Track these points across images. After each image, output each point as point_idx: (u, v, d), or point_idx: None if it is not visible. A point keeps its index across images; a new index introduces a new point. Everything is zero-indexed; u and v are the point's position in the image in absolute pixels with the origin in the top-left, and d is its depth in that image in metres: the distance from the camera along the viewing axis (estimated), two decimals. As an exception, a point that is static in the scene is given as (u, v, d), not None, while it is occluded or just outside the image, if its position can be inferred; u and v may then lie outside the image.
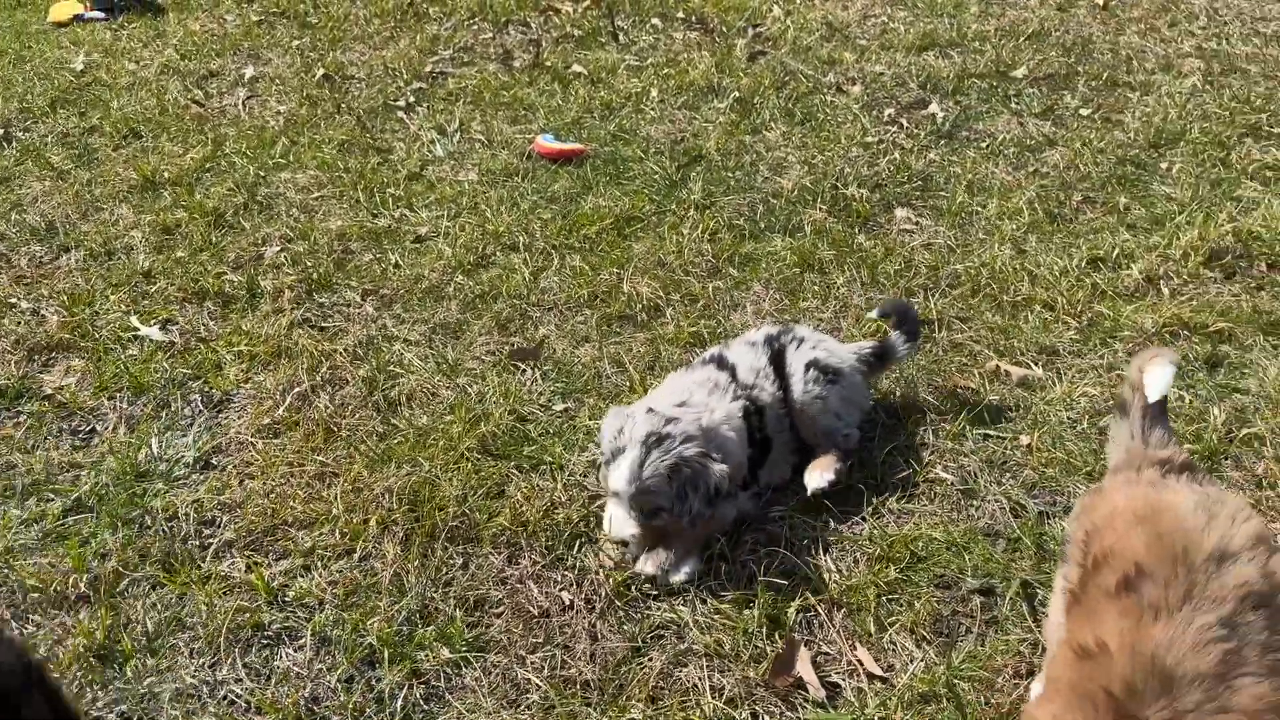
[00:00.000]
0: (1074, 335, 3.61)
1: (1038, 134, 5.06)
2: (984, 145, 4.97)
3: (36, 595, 2.71)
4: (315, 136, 5.31)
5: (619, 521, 2.79)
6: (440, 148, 5.17)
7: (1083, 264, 3.98)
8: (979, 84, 5.60)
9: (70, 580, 2.74)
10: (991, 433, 3.19)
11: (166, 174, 4.96)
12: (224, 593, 2.71)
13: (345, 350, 3.68)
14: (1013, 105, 5.37)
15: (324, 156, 5.08)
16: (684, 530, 2.77)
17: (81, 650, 2.53)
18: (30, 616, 2.67)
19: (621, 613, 2.67)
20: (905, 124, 5.20)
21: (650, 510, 2.71)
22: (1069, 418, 3.23)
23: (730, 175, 4.75)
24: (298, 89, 5.89)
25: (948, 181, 4.64)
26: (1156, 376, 2.17)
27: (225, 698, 2.45)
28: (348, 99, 5.76)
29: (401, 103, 5.68)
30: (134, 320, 3.86)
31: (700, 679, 2.47)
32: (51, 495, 3.06)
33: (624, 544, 2.82)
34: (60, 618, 2.66)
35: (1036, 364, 3.47)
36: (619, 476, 2.69)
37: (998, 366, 3.45)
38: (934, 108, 5.32)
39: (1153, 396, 2.15)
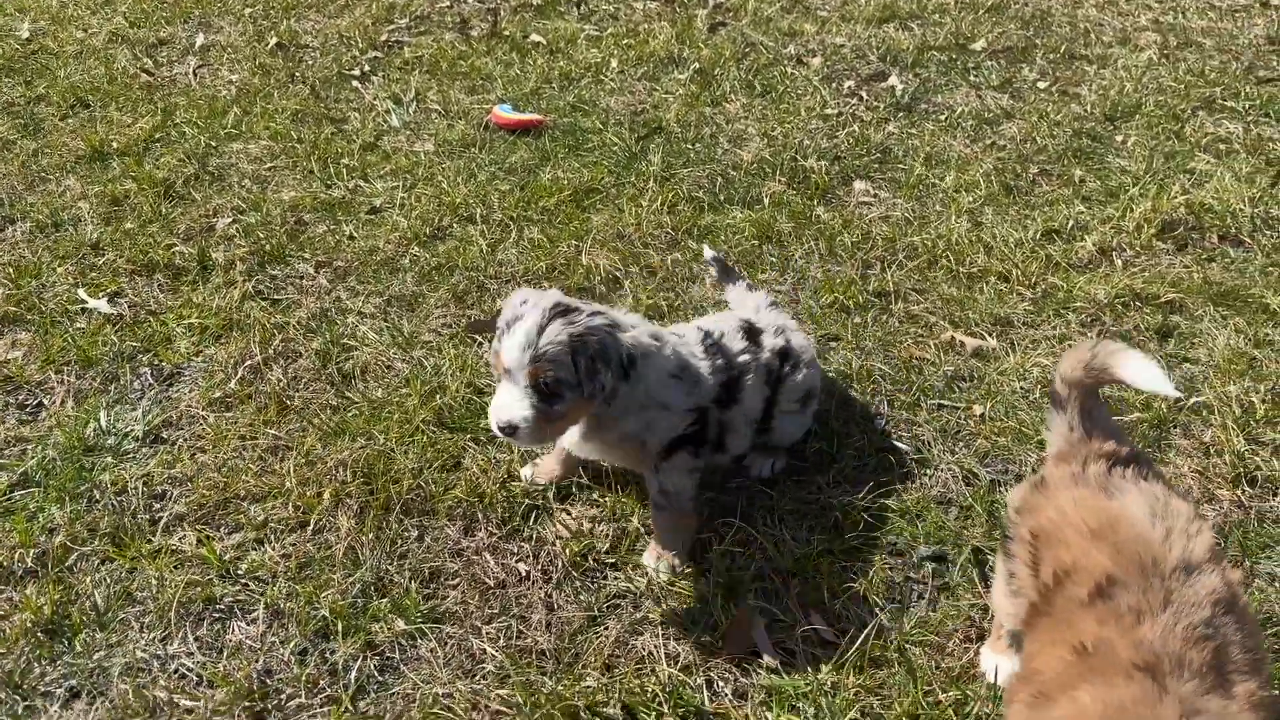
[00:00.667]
0: (1028, 306, 3.65)
1: (995, 107, 5.09)
2: (942, 118, 4.98)
3: (-19, 571, 2.66)
4: (268, 106, 5.22)
5: (509, 402, 2.32)
6: (396, 118, 5.10)
7: (1038, 236, 4.01)
8: (938, 56, 5.61)
9: (17, 555, 2.69)
10: (945, 403, 3.22)
11: (115, 144, 4.85)
12: (175, 566, 2.67)
13: (298, 323, 3.63)
14: (971, 78, 5.38)
15: (277, 126, 4.99)
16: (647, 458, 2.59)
17: (29, 625, 2.50)
18: (-25, 593, 2.62)
19: (578, 583, 2.67)
20: (865, 96, 5.20)
21: (551, 388, 2.30)
22: (1022, 388, 3.26)
23: (690, 147, 4.72)
24: (250, 58, 5.77)
25: (906, 154, 4.65)
26: (1143, 372, 2.07)
27: (177, 671, 2.43)
28: (301, 68, 5.65)
29: (356, 72, 5.58)
30: (82, 293, 3.78)
31: (656, 647, 2.48)
32: (-4, 470, 3.01)
33: (511, 431, 2.34)
34: (7, 593, 2.62)
35: (991, 335, 3.50)
36: (512, 344, 2.30)
37: (953, 337, 3.48)
38: (894, 80, 5.33)
39: (1169, 391, 2.06)
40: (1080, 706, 1.67)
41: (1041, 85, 5.28)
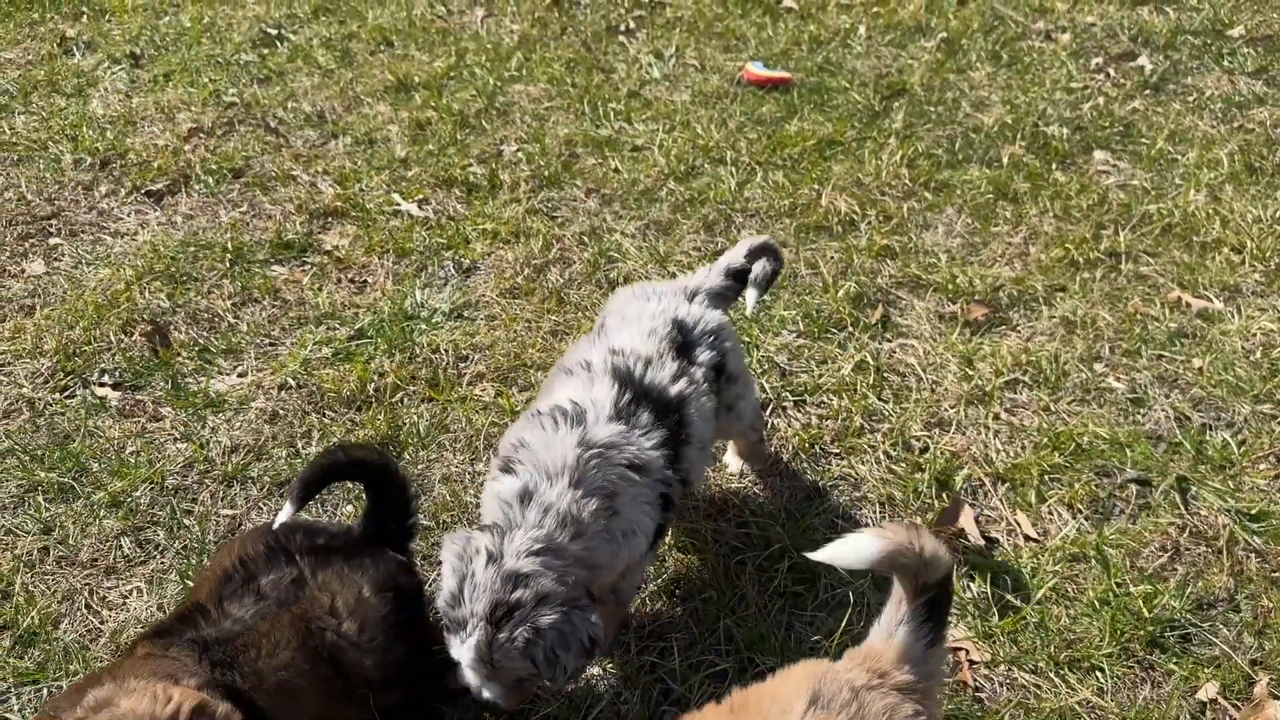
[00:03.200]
0: (1259, 278, 3.76)
1: (1248, 92, 5.08)
2: (1190, 99, 5.03)
3: (331, 396, 3.35)
4: (545, 54, 5.84)
5: (480, 685, 2.24)
6: (657, 70, 5.60)
7: (1278, 215, 4.07)
8: (1192, 40, 5.60)
9: (357, 387, 3.36)
10: (1165, 353, 3.41)
11: (417, 78, 5.59)
12: (478, 410, 3.27)
13: (572, 236, 4.19)
14: (1225, 63, 5.37)
15: (553, 72, 5.60)
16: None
17: (369, 438, 3.15)
18: (326, 411, 3.31)
19: (805, 464, 3.09)
20: (1112, 74, 5.30)
21: (514, 682, 2.23)
22: (1243, 347, 3.41)
23: (931, 109, 4.99)
24: (529, 11, 6.43)
25: (1149, 129, 4.75)
26: None
27: (483, 484, 3.01)
28: (574, 22, 6.25)
29: (623, 28, 6.13)
30: (396, 197, 4.49)
31: (871, 519, 2.87)
32: (338, 325, 3.71)
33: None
34: (350, 415, 3.29)
35: (1217, 299, 3.65)
36: (464, 658, 2.18)
37: (1179, 297, 3.65)
38: (1143, 60, 5.38)
39: None
40: None
41: (1302, 73, 5.21)
